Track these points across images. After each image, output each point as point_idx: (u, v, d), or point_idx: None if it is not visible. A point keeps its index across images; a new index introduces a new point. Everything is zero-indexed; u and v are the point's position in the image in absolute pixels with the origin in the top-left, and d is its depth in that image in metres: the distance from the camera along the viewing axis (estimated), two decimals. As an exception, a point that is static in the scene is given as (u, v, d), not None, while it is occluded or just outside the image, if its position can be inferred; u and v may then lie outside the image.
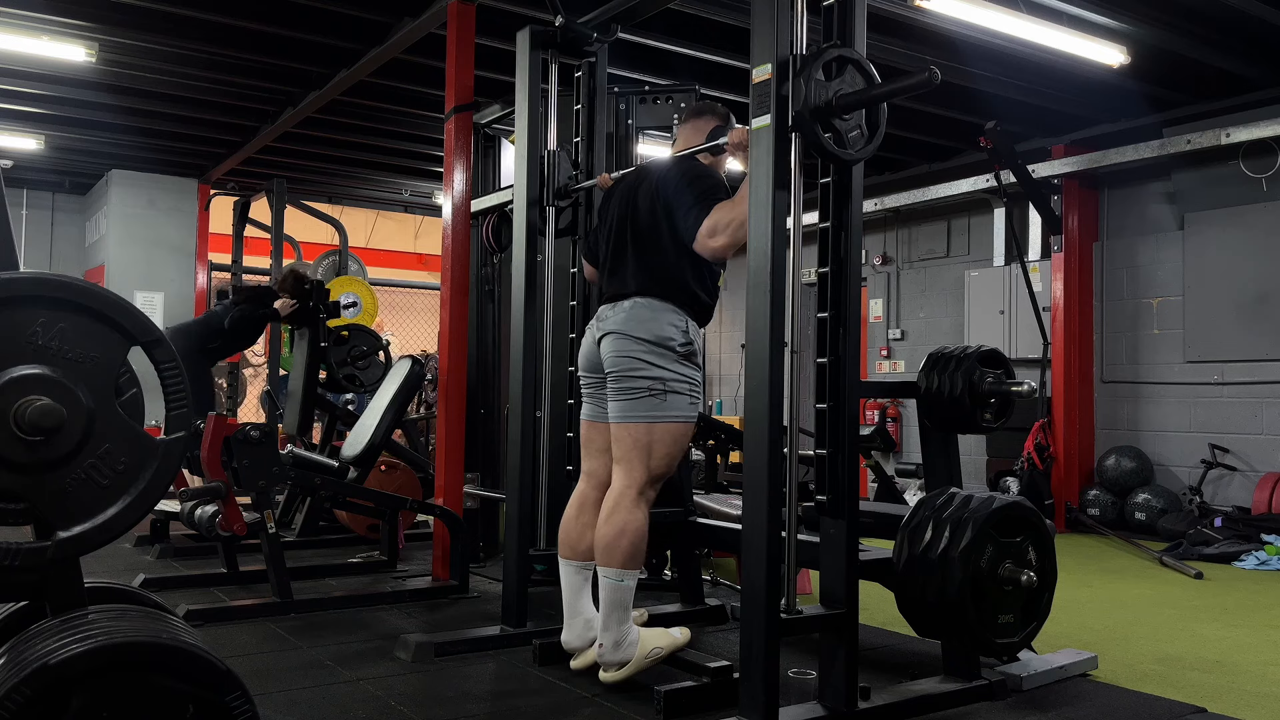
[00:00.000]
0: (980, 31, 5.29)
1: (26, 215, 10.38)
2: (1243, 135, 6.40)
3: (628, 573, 3.05)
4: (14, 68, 6.50)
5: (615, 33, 4.00)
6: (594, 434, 3.34)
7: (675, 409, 3.09)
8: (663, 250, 3.17)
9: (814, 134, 2.58)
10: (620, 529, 3.05)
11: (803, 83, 2.56)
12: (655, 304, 3.12)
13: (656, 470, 3.10)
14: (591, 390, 3.33)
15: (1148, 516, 6.93)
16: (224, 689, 1.83)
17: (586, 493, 3.32)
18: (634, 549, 3.05)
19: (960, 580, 2.78)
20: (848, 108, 2.61)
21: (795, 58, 2.59)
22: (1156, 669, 3.52)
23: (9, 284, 1.87)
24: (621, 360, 3.11)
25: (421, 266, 12.40)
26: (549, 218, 3.84)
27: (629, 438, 3.10)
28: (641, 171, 3.40)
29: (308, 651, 3.54)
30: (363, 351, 6.70)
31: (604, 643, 3.08)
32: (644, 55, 5.86)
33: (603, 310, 3.26)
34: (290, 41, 6.05)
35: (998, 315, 8.12)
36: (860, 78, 2.66)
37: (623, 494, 3.09)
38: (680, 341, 3.10)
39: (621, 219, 3.31)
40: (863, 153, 2.69)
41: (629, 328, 3.11)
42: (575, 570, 3.27)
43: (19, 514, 1.88)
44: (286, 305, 6.24)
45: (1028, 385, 3.19)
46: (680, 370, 3.10)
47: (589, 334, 3.30)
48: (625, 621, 3.08)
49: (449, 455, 4.73)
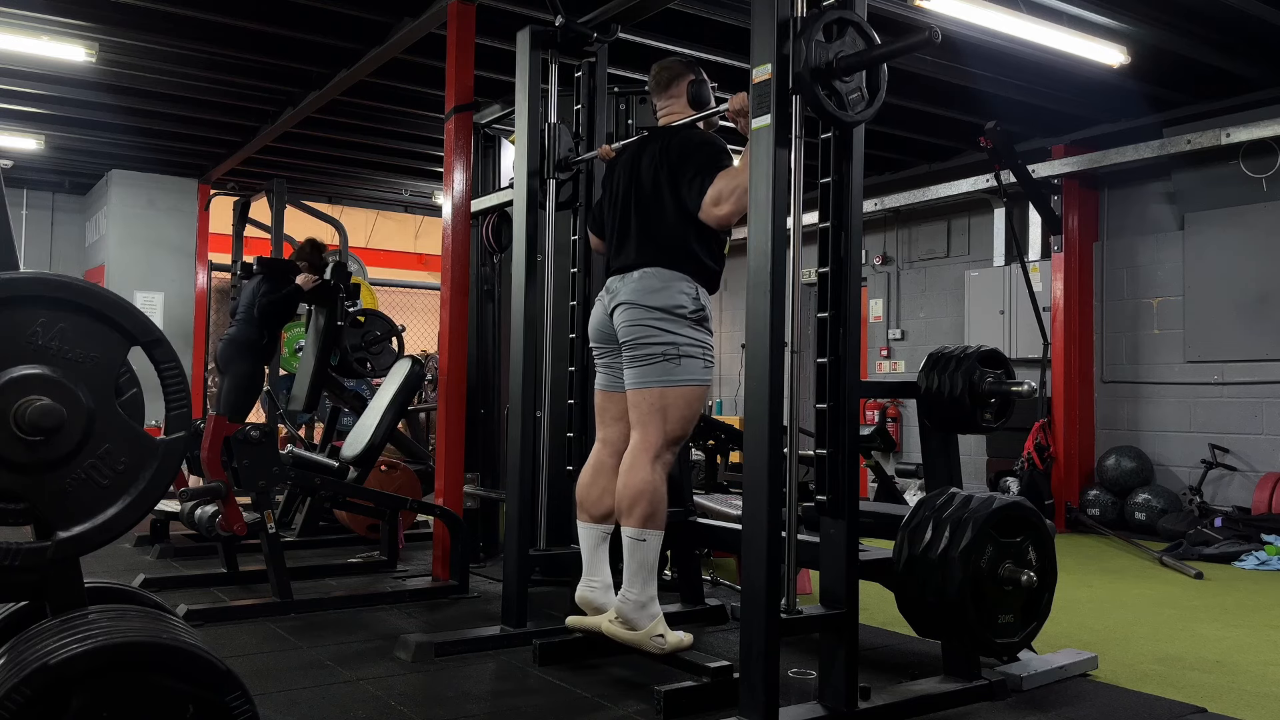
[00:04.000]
0: (980, 31, 5.28)
1: (26, 215, 10.38)
2: (1243, 135, 6.40)
3: (649, 532, 3.07)
4: (14, 68, 6.49)
5: (615, 33, 4.00)
6: (608, 403, 3.37)
7: (689, 373, 3.12)
8: (667, 219, 3.19)
9: (814, 95, 2.58)
10: (639, 488, 3.07)
11: (803, 43, 2.56)
12: (664, 273, 3.15)
13: (673, 433, 3.13)
14: (604, 360, 3.36)
15: (1148, 516, 6.93)
16: (224, 689, 1.83)
17: (603, 459, 3.33)
18: (653, 507, 3.07)
19: (960, 580, 2.78)
20: (848, 69, 2.61)
21: (796, 20, 2.60)
22: (1156, 669, 3.52)
23: (9, 284, 1.87)
24: (635, 329, 3.15)
25: (421, 266, 12.40)
26: (549, 191, 3.83)
27: (645, 403, 3.13)
28: (643, 142, 3.42)
29: (308, 651, 3.54)
30: (376, 336, 6.72)
31: (630, 596, 3.09)
32: (644, 55, 5.85)
33: (611, 282, 3.29)
34: (290, 41, 6.05)
35: (998, 315, 8.12)
36: (860, 39, 2.66)
37: (639, 455, 3.12)
38: (691, 308, 3.14)
39: (626, 190, 3.34)
40: (863, 115, 2.69)
41: (641, 297, 3.15)
42: (592, 529, 3.30)
43: (19, 514, 1.88)
44: (309, 280, 6.05)
45: (1028, 385, 3.19)
46: (693, 335, 3.13)
47: (599, 305, 3.34)
48: (651, 585, 3.09)
49: (449, 455, 4.73)
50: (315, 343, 6.35)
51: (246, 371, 5.79)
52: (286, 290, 6.00)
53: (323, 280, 6.15)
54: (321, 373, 6.31)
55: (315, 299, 6.28)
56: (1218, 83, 6.41)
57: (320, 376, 6.31)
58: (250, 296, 6.01)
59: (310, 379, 6.29)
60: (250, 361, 5.86)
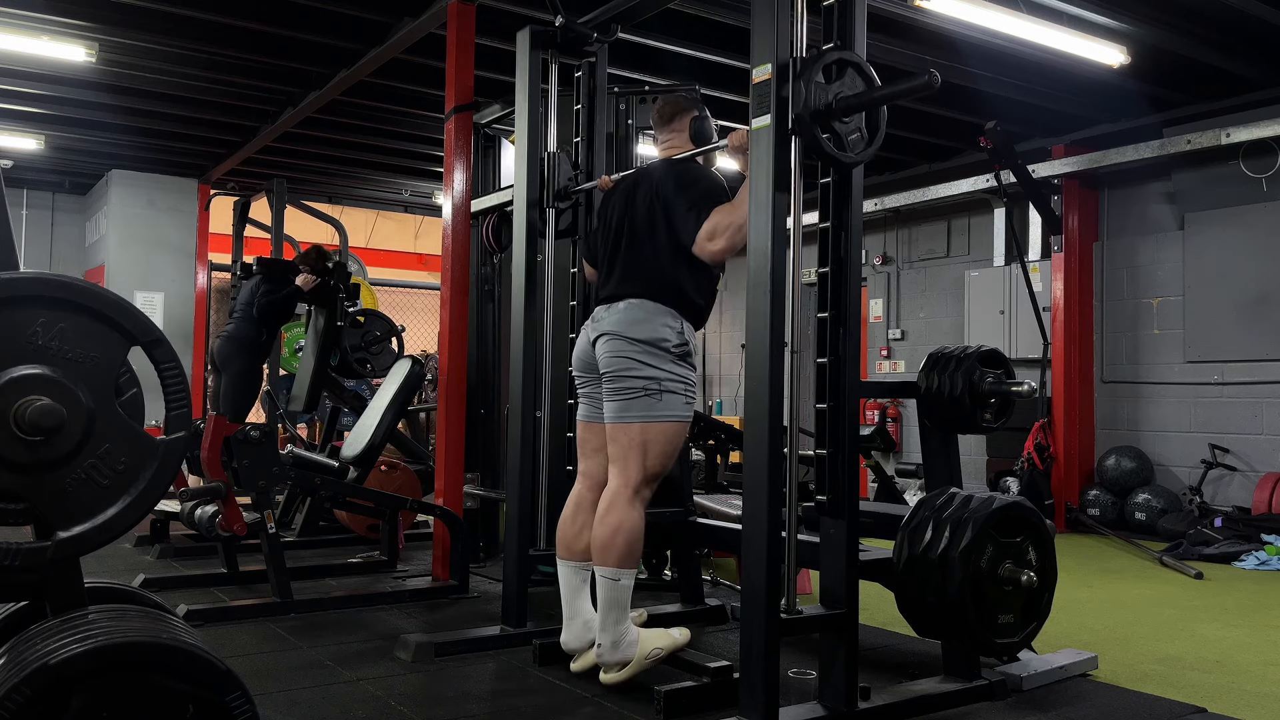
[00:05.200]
0: (980, 31, 5.29)
1: (26, 215, 10.38)
2: (1243, 135, 6.40)
3: (624, 572, 3.05)
4: (14, 68, 6.49)
5: (615, 33, 4.00)
6: (589, 434, 3.34)
7: (670, 409, 3.09)
8: (658, 252, 3.17)
9: (814, 137, 2.58)
10: (615, 528, 3.05)
11: (803, 85, 2.56)
12: (649, 305, 3.13)
13: (652, 469, 3.11)
14: (586, 390, 3.34)
15: (1148, 516, 6.93)
16: (224, 689, 1.83)
17: (582, 494, 3.32)
18: (630, 548, 3.05)
19: (960, 580, 2.78)
20: (848, 110, 2.61)
21: (795, 60, 2.60)
22: (1156, 669, 3.52)
23: (9, 284, 1.87)
24: (616, 361, 3.11)
25: (421, 266, 12.40)
26: (549, 219, 3.84)
27: (625, 437, 3.10)
28: (641, 174, 3.41)
29: (308, 651, 3.54)
30: (376, 336, 6.72)
31: (602, 643, 3.08)
32: (644, 55, 5.86)
33: (598, 311, 3.27)
34: (290, 41, 6.05)
35: (998, 315, 8.12)
36: (860, 80, 2.66)
37: (618, 493, 3.10)
38: (675, 342, 3.10)
39: (620, 221, 3.32)
40: (862, 155, 2.69)
41: (623, 329, 3.12)
42: (573, 571, 3.27)
43: (19, 514, 1.88)
44: (309, 281, 6.09)
45: (1028, 385, 3.19)
46: (675, 370, 3.10)
47: (583, 334, 3.31)
48: (623, 621, 3.08)
49: (449, 455, 4.73)
50: (315, 343, 6.35)
51: (244, 369, 5.80)
52: (286, 290, 6.01)
53: (322, 281, 6.16)
54: (321, 373, 6.31)
55: (315, 299, 6.29)
56: (1218, 83, 6.41)
57: (320, 377, 6.32)
58: (249, 295, 6.01)
59: (310, 379, 6.30)
60: (248, 359, 5.86)
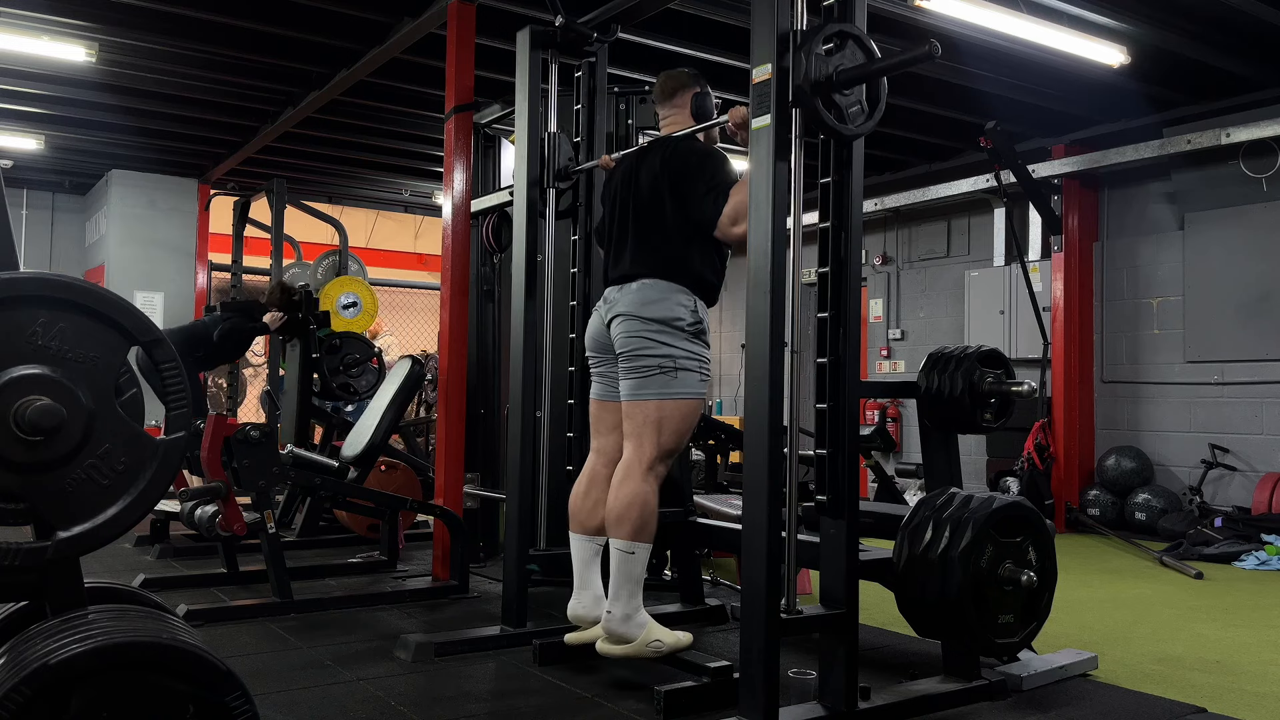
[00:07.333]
0: (980, 31, 5.28)
1: (26, 215, 10.37)
2: (1243, 135, 6.40)
3: (638, 545, 3.05)
4: (14, 68, 6.49)
5: (615, 33, 4.00)
6: (603, 412, 3.35)
7: (685, 386, 3.11)
8: (667, 230, 3.18)
9: (814, 108, 2.58)
10: (629, 500, 3.06)
11: (803, 56, 2.56)
12: (662, 285, 3.14)
13: (667, 446, 3.12)
14: (600, 369, 3.35)
15: (1148, 516, 6.93)
16: (224, 689, 1.83)
17: (596, 469, 3.33)
18: (643, 520, 3.06)
19: (960, 580, 2.78)
20: (848, 82, 2.61)
21: (796, 32, 2.60)
22: (1156, 669, 3.52)
23: (9, 284, 1.87)
24: (632, 340, 3.13)
25: (421, 266, 12.40)
26: (549, 200, 3.83)
27: (640, 414, 3.12)
28: (643, 151, 3.41)
29: (308, 651, 3.54)
30: (355, 360, 6.73)
31: (613, 611, 3.07)
32: (644, 55, 5.86)
33: (609, 292, 3.28)
34: (290, 41, 6.05)
35: (998, 315, 8.12)
36: (860, 53, 2.66)
37: (633, 466, 3.11)
38: (689, 320, 3.12)
39: (624, 200, 3.33)
40: (863, 128, 2.69)
41: (638, 309, 3.14)
42: (585, 542, 3.28)
43: (19, 514, 1.88)
44: (275, 319, 6.30)
45: (1028, 385, 3.20)
46: (690, 348, 3.12)
47: (596, 315, 3.32)
48: (636, 596, 3.08)
49: (449, 455, 4.73)
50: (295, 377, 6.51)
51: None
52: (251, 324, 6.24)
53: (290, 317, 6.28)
54: (305, 405, 6.43)
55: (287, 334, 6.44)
56: (1218, 83, 6.41)
57: (304, 409, 6.44)
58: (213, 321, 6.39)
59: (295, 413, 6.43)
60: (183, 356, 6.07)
